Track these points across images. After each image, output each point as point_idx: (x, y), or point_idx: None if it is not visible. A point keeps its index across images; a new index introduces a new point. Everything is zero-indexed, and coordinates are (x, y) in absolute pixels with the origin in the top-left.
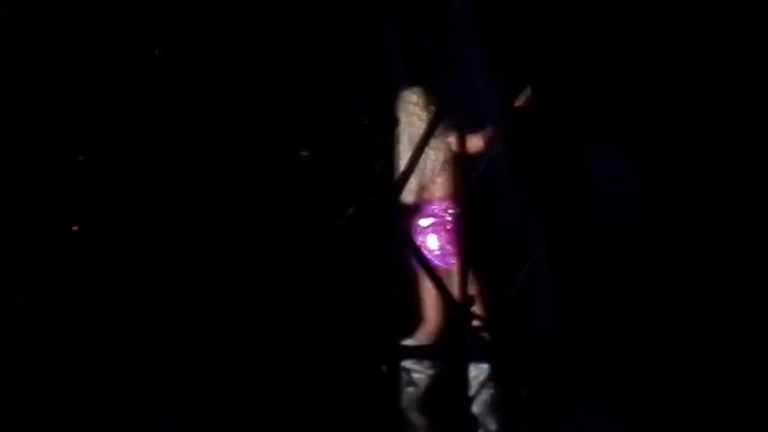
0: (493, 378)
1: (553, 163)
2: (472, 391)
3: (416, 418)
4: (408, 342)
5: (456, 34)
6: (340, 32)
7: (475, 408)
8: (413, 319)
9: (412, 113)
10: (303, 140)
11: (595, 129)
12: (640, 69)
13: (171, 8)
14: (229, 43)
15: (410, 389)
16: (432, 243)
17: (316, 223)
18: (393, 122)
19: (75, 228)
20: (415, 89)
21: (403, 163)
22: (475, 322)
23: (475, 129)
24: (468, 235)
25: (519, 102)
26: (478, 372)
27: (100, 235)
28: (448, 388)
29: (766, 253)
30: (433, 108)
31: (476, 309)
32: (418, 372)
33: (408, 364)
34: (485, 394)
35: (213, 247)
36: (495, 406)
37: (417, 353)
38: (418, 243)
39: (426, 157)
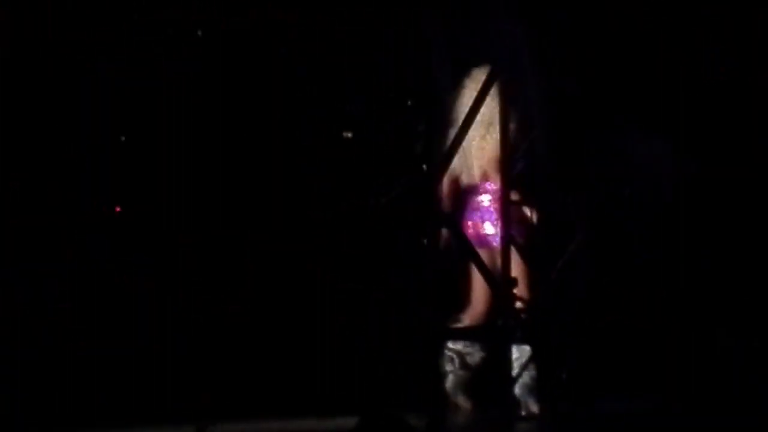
0: (534, 360)
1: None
2: (513, 373)
3: (460, 400)
4: (454, 324)
5: (501, 13)
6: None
7: (517, 390)
8: (460, 301)
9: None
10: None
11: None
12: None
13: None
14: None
15: (459, 372)
16: (487, 222)
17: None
18: (434, 101)
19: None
20: (476, 69)
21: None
22: (518, 304)
23: (520, 111)
24: (511, 216)
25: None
26: (519, 354)
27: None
28: (490, 369)
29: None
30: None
31: (519, 291)
32: (468, 354)
33: (458, 347)
34: (527, 376)
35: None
36: (536, 388)
37: (460, 335)
38: (472, 222)
39: (487, 137)
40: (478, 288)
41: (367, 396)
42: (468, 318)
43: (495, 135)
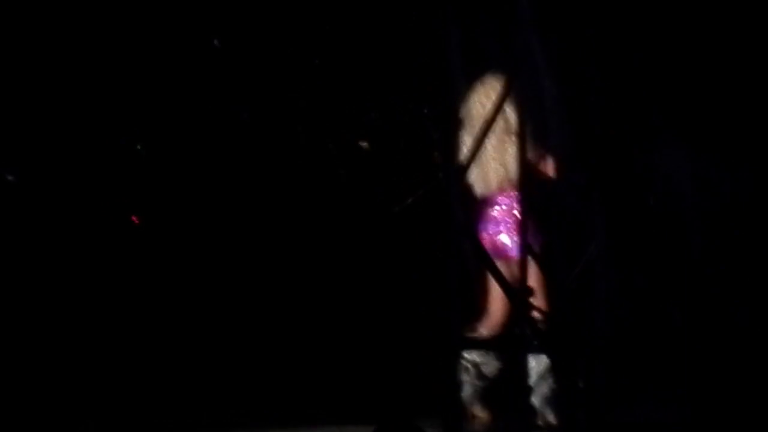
0: (552, 370)
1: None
2: (531, 383)
3: (476, 410)
4: (471, 334)
5: (517, 21)
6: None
7: (534, 400)
8: (477, 310)
9: (481, 101)
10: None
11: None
12: (704, 59)
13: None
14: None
15: (474, 382)
16: (503, 233)
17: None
18: (451, 110)
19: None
20: (484, 77)
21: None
22: (535, 314)
23: (538, 120)
24: (529, 226)
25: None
26: (537, 364)
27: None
28: (507, 379)
29: None
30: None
31: (536, 300)
32: (483, 365)
33: (473, 357)
34: (544, 386)
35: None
36: (554, 398)
37: (477, 345)
38: (488, 233)
39: (504, 149)
40: (496, 298)
41: (383, 405)
42: (485, 328)
43: (512, 143)
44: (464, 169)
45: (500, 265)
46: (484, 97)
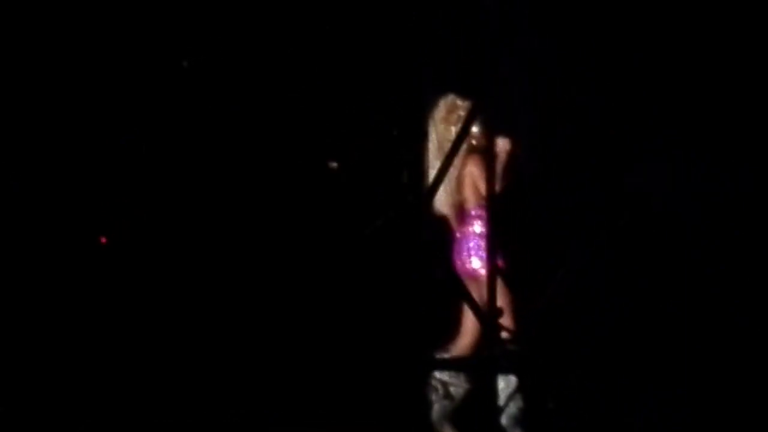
0: (521, 390)
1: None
2: (500, 403)
3: (445, 430)
4: (442, 354)
5: (489, 37)
6: (365, 40)
7: (504, 420)
8: (449, 331)
9: (444, 121)
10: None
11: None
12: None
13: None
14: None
15: (442, 401)
16: (473, 254)
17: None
18: (421, 131)
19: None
20: (447, 97)
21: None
22: (504, 334)
23: (506, 135)
24: (497, 245)
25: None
26: (506, 384)
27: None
28: (476, 400)
29: None
30: (463, 115)
31: (505, 321)
32: (452, 384)
33: (442, 376)
34: (513, 407)
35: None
36: (523, 419)
37: (446, 365)
38: (457, 253)
39: (463, 167)
40: (466, 318)
41: (353, 424)
42: (456, 348)
43: (480, 162)
44: (432, 190)
45: (471, 286)
46: (452, 117)
